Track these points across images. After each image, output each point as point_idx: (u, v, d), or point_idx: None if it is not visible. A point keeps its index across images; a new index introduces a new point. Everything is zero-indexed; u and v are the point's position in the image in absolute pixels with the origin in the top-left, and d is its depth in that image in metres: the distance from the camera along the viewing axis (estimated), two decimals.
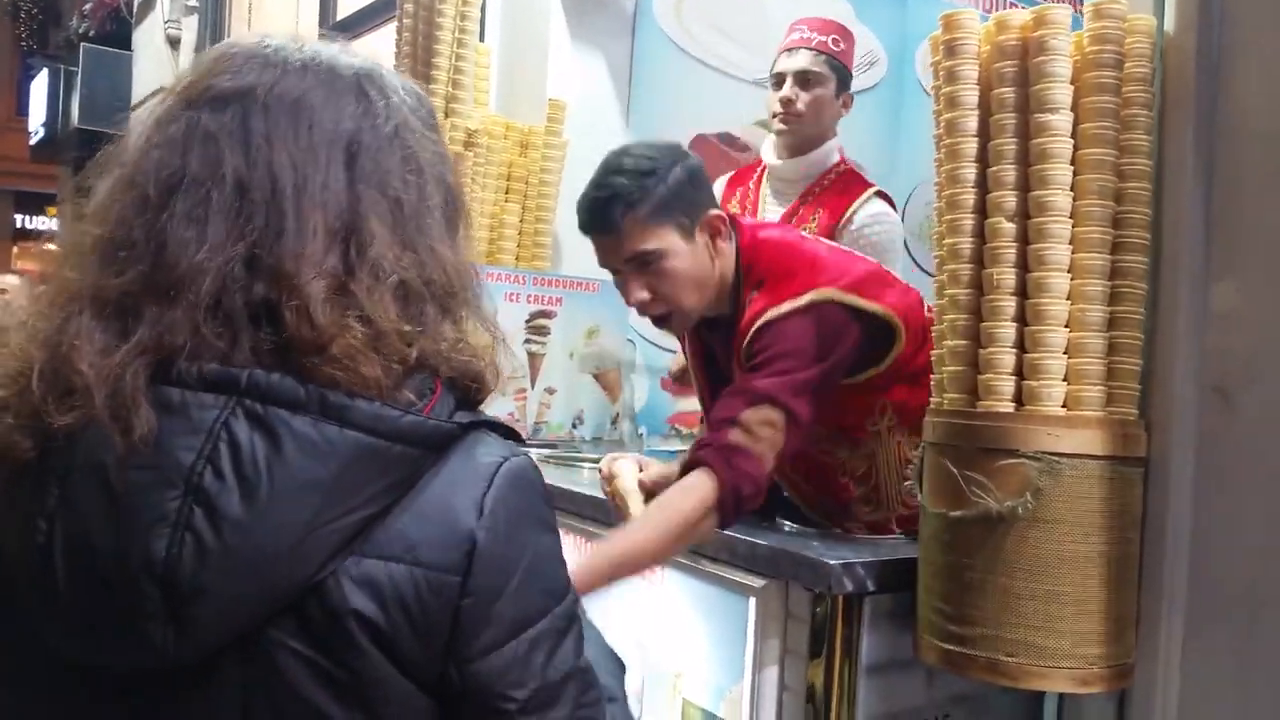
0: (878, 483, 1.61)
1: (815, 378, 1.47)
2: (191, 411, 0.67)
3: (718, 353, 1.70)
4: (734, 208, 2.46)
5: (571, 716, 0.75)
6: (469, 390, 0.78)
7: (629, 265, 1.56)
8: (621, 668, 0.98)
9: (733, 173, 2.61)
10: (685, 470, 1.45)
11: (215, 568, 0.65)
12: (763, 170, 2.47)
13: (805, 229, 2.24)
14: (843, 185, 2.37)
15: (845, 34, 2.42)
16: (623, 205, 1.53)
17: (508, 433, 0.80)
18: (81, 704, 0.71)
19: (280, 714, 0.69)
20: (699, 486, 1.40)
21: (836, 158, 2.43)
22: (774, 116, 2.39)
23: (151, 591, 0.65)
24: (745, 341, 1.54)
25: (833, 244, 1.87)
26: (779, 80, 2.36)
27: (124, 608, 0.66)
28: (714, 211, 1.59)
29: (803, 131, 2.36)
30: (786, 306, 1.51)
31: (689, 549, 1.50)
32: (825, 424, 1.54)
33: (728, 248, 1.61)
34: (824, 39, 2.36)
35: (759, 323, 1.52)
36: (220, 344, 0.69)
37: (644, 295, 1.57)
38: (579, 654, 0.77)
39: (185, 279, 0.69)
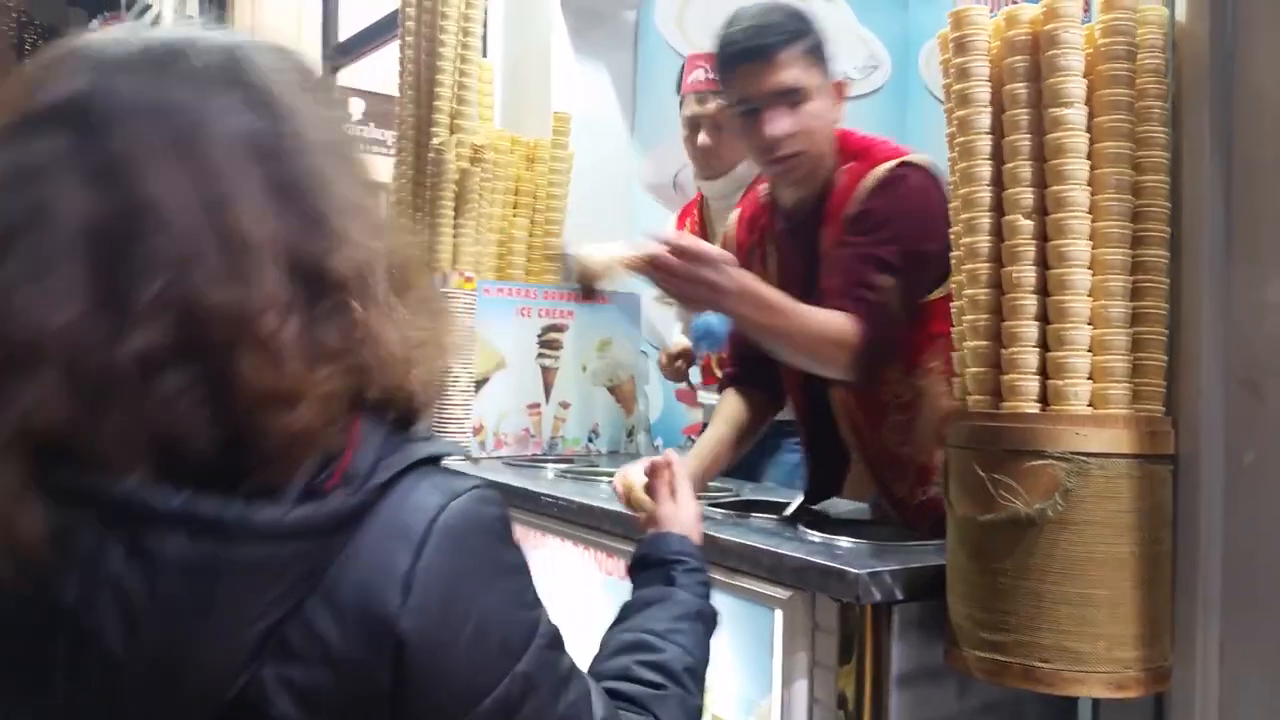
0: (914, 419, 1.61)
1: (935, 252, 1.46)
2: (68, 539, 0.59)
3: (797, 254, 1.69)
4: None
5: None
6: (407, 407, 0.68)
7: (772, 99, 1.57)
8: (709, 625, 0.96)
9: (679, 212, 2.69)
10: None
11: (120, 709, 0.60)
12: (701, 198, 2.56)
13: None
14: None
15: None
16: (785, 36, 1.55)
17: (453, 452, 0.71)
18: None
19: None
20: (841, 320, 1.47)
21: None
22: (697, 162, 2.46)
23: None
24: (856, 200, 1.56)
25: None
26: (694, 126, 2.44)
27: None
28: (839, 78, 1.64)
29: (723, 165, 2.43)
30: (893, 163, 1.55)
31: (721, 558, 1.48)
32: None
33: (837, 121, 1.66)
34: None
35: (871, 180, 1.56)
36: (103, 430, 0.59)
37: (788, 126, 1.57)
38: (554, 702, 0.71)
39: (39, 347, 0.58)
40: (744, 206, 1.91)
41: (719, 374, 2.35)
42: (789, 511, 1.69)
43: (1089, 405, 1.21)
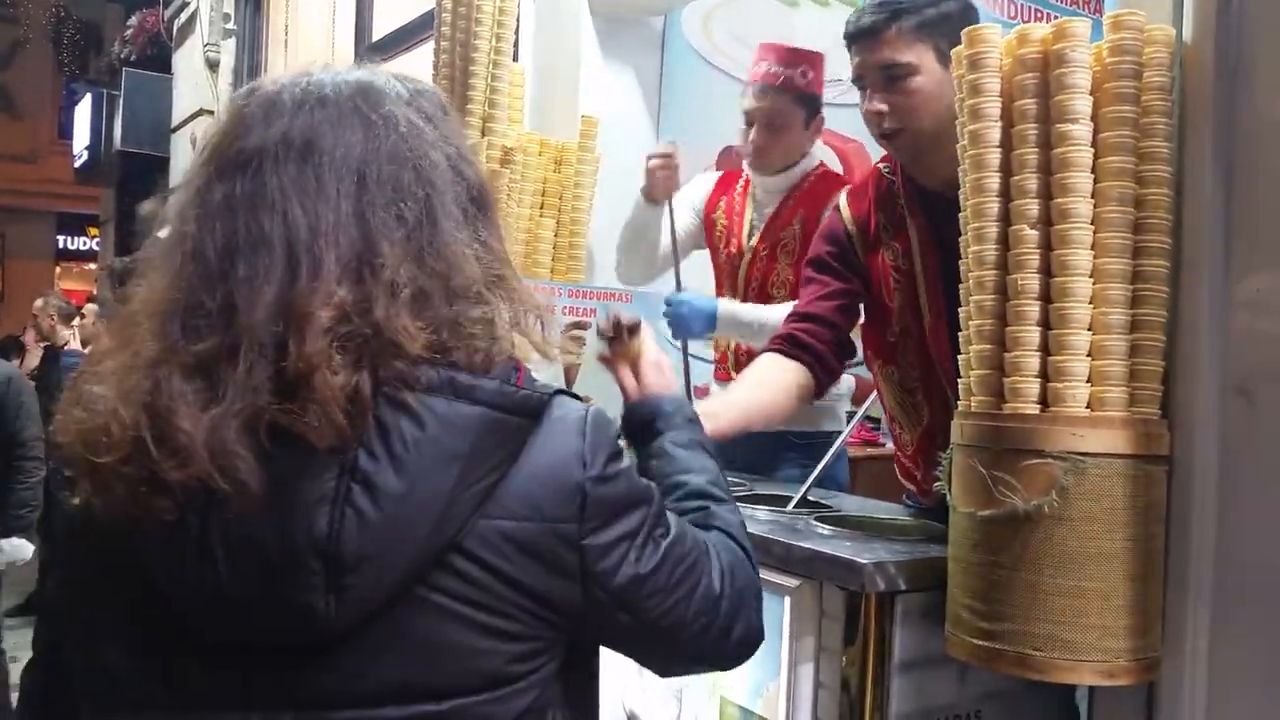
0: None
1: None
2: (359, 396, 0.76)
3: (936, 245, 1.71)
4: (720, 216, 2.55)
5: (692, 569, 0.92)
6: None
7: (877, 74, 1.65)
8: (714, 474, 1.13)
9: (722, 173, 2.72)
10: None
11: (375, 536, 0.75)
12: (748, 180, 2.60)
13: (788, 230, 2.44)
14: (819, 186, 2.48)
15: (812, 60, 2.48)
16: (890, 14, 1.63)
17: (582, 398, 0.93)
18: (228, 677, 0.78)
19: (429, 654, 0.78)
20: None
21: (816, 163, 2.54)
22: (747, 156, 2.49)
23: (315, 565, 0.74)
24: None
25: None
26: (749, 120, 2.45)
27: (287, 585, 0.74)
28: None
29: (772, 164, 2.48)
30: None
31: None
32: None
33: None
34: (791, 73, 2.42)
35: None
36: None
37: (881, 106, 1.66)
38: (682, 540, 0.93)
39: (248, 339, 0.76)
40: (866, 182, 1.89)
41: (734, 375, 2.41)
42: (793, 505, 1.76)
43: (1087, 407, 1.26)
